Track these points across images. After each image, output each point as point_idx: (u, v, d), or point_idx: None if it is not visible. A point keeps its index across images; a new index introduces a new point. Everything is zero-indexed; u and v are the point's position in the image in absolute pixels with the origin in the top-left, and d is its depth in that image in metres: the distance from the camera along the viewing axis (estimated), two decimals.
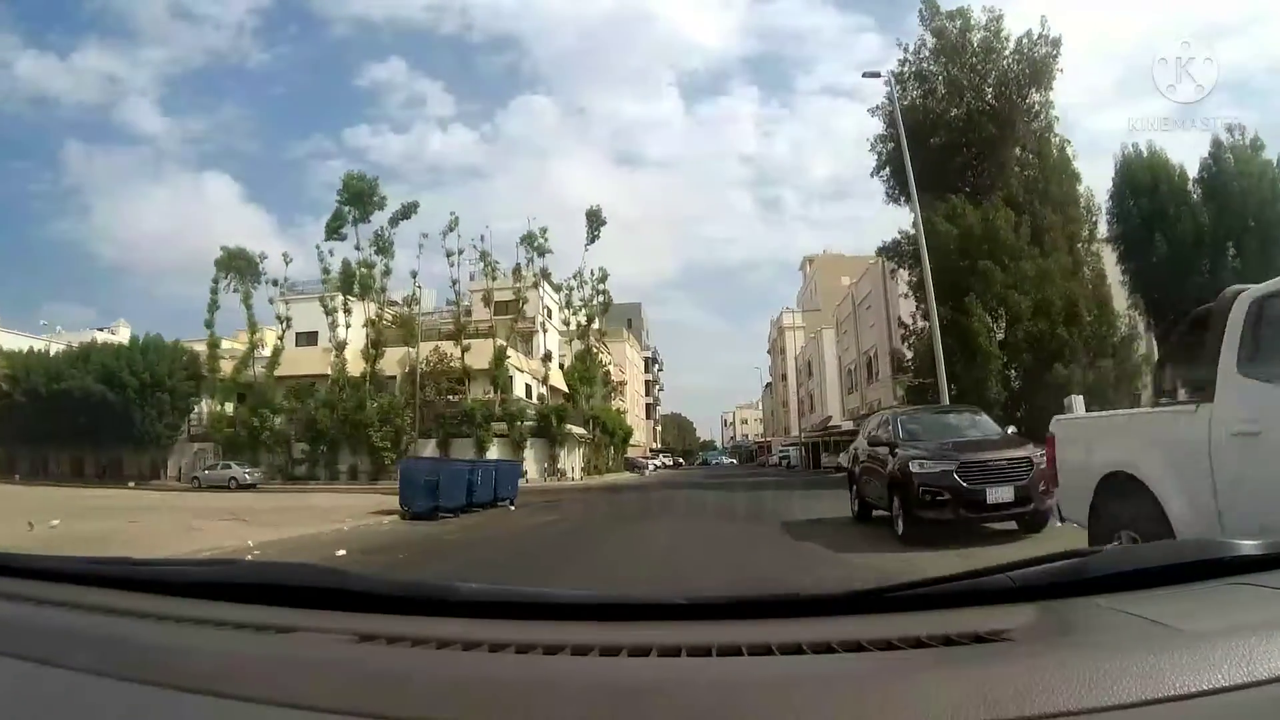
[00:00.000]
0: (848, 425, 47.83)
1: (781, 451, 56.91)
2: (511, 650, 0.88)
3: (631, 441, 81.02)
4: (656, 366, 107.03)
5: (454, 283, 39.49)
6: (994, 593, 1.02)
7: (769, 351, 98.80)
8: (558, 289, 48.15)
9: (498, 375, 36.94)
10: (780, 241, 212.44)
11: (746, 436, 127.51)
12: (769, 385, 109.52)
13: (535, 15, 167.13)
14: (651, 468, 60.54)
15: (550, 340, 48.27)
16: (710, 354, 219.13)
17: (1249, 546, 1.08)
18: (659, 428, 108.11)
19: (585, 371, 44.53)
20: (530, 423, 37.75)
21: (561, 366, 45.30)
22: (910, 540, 8.06)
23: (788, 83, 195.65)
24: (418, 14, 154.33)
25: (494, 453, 37.17)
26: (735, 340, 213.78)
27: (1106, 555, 1.16)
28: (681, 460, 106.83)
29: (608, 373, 56.14)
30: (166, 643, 0.98)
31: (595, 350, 46.37)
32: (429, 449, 37.55)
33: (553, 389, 46.24)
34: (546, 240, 41.50)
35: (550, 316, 49.11)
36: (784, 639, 0.87)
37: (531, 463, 37.09)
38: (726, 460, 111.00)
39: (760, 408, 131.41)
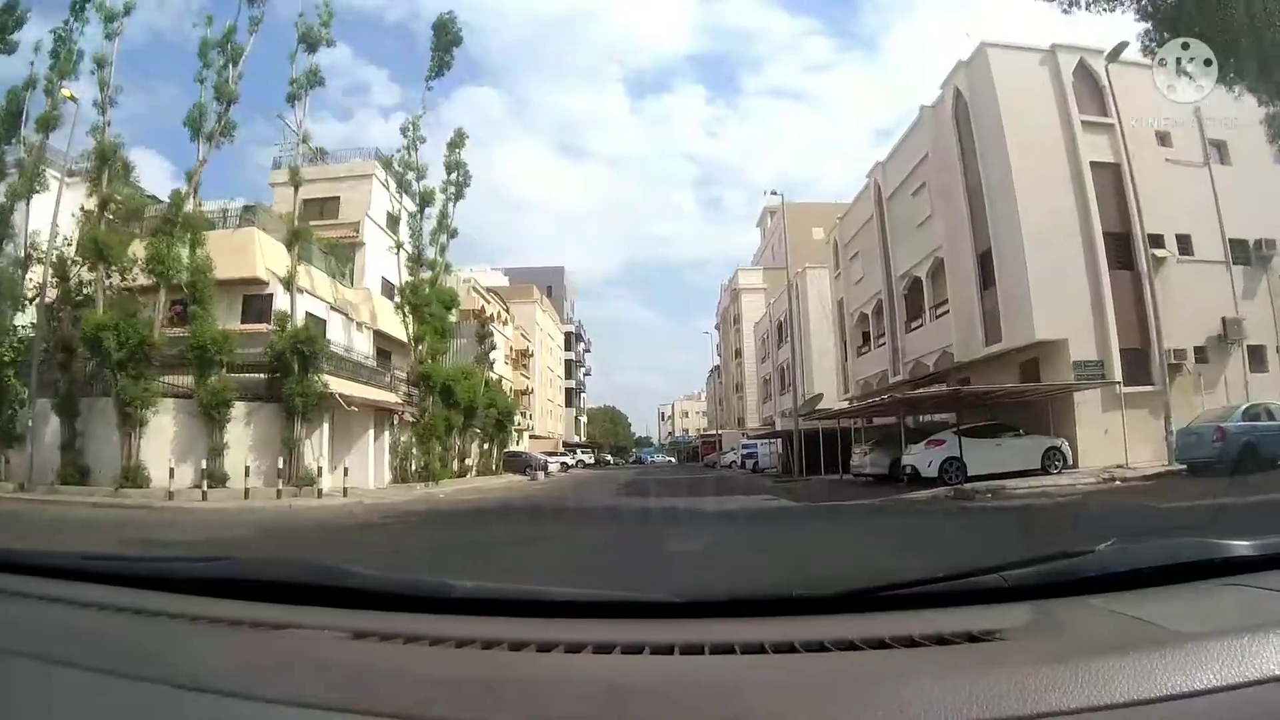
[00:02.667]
0: (845, 404, 30.12)
1: (745, 447, 38.01)
2: (505, 647, 0.88)
3: (540, 433, 61.82)
4: (581, 345, 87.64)
5: (97, 104, 18.76)
6: (987, 592, 1.01)
7: (717, 327, 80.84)
8: (387, 166, 28.49)
9: (164, 269, 16.99)
10: (724, 241, 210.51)
11: (687, 432, 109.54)
12: (715, 369, 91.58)
13: (483, 5, 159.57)
14: (556, 468, 41.23)
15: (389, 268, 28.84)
16: (652, 352, 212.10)
17: (1241, 547, 1.07)
18: (583, 418, 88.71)
19: (418, 296, 25.05)
20: (259, 373, 18.05)
21: (401, 306, 25.84)
22: None
23: (735, 83, 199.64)
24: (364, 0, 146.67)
25: (165, 425, 17.40)
26: (678, 339, 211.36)
27: (1099, 555, 1.10)
28: (610, 458, 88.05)
29: (487, 320, 36.64)
30: (160, 639, 0.97)
31: (441, 264, 26.90)
32: (50, 418, 17.69)
33: (384, 338, 26.85)
34: (328, 26, 21.41)
35: (398, 230, 29.49)
36: (777, 637, 0.87)
37: (239, 452, 17.30)
38: (663, 459, 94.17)
39: (704, 399, 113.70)
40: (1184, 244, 18.90)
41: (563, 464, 48.97)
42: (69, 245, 18.19)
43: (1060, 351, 17.92)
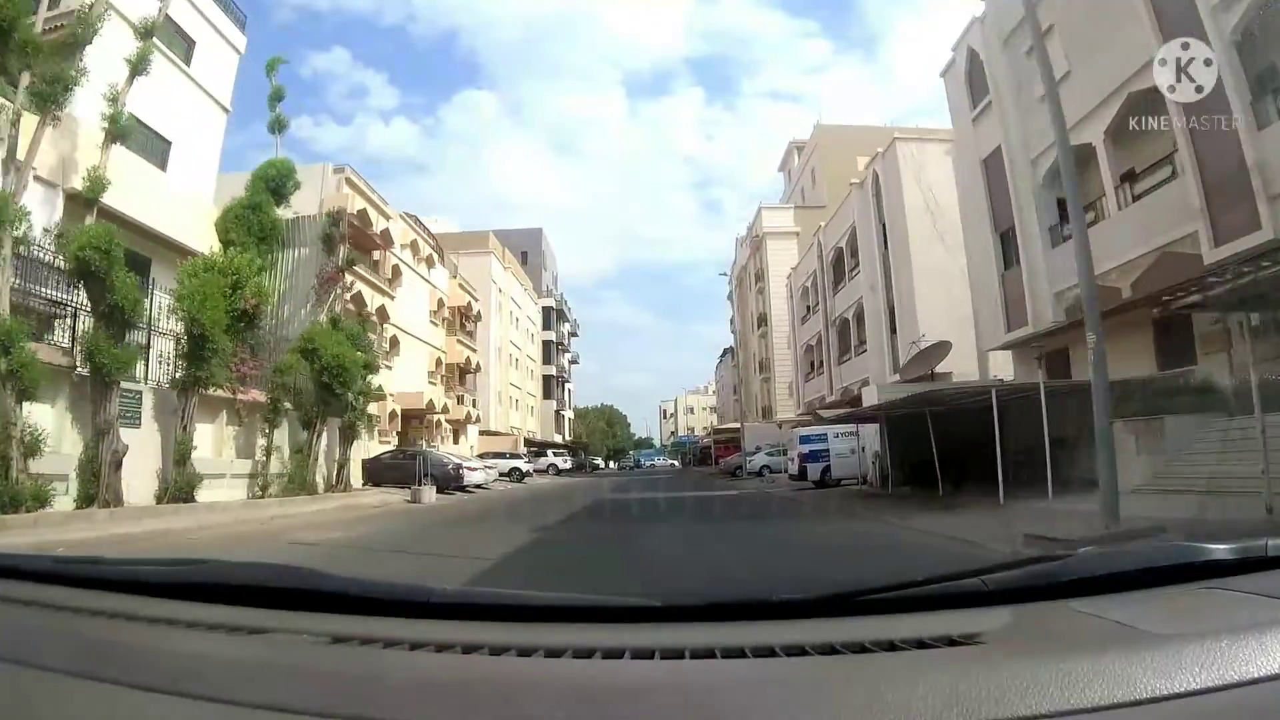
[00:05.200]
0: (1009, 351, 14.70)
1: (805, 442, 20.76)
2: (484, 652, 0.88)
3: (499, 428, 46.20)
4: (566, 326, 71.97)
5: None
6: (968, 596, 1.01)
7: (730, 296, 65.05)
8: None
9: None
10: (721, 244, 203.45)
11: (692, 430, 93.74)
12: (727, 352, 75.64)
13: (481, 8, 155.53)
14: (484, 476, 25.53)
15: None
16: (649, 355, 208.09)
17: (1221, 551, 1.07)
18: (568, 414, 72.96)
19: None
20: None
21: None
22: None
23: (733, 85, 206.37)
24: (361, 2, 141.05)
25: None
26: (676, 341, 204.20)
27: (1079, 559, 1.09)
28: (599, 462, 72.45)
29: (341, 216, 21.01)
30: (137, 643, 0.95)
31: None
32: None
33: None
34: None
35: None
36: (758, 642, 0.87)
37: None
38: (664, 461, 78.97)
39: (713, 392, 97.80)
40: None
41: (515, 471, 33.39)
42: None
43: None
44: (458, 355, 36.37)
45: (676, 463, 78.04)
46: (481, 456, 34.39)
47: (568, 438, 69.19)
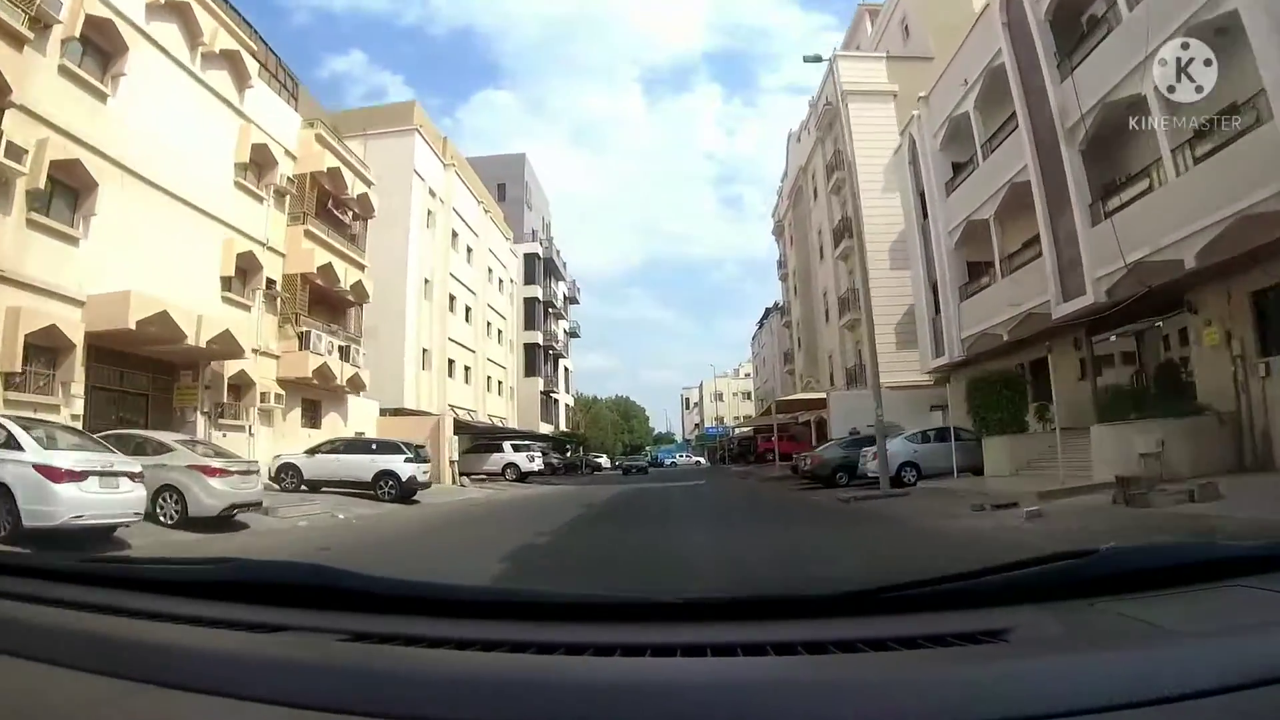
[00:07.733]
0: None
1: None
2: (505, 649, 0.88)
3: (420, 404, 29.10)
4: (559, 285, 54.80)
5: None
6: (989, 594, 1.00)
7: (776, 230, 47.57)
8: None
9: None
10: (742, 240, 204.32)
11: (721, 420, 76.29)
12: (770, 313, 57.94)
13: (498, 8, 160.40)
14: (231, 497, 8.88)
15: None
16: (672, 353, 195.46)
17: (1245, 548, 1.07)
18: (563, 399, 55.82)
19: None
20: None
21: None
22: None
23: (752, 81, 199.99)
24: (378, 4, 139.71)
25: None
26: (700, 339, 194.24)
27: (1101, 557, 1.06)
28: (605, 461, 55.56)
29: None
30: (158, 641, 0.96)
31: None
32: None
33: None
34: None
35: None
36: (779, 639, 0.87)
37: None
38: (689, 458, 62.38)
39: (746, 374, 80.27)
40: None
41: (387, 480, 16.52)
42: None
43: None
44: (305, 260, 19.51)
45: (703, 460, 61.15)
46: (325, 449, 17.67)
47: (562, 428, 52.37)
